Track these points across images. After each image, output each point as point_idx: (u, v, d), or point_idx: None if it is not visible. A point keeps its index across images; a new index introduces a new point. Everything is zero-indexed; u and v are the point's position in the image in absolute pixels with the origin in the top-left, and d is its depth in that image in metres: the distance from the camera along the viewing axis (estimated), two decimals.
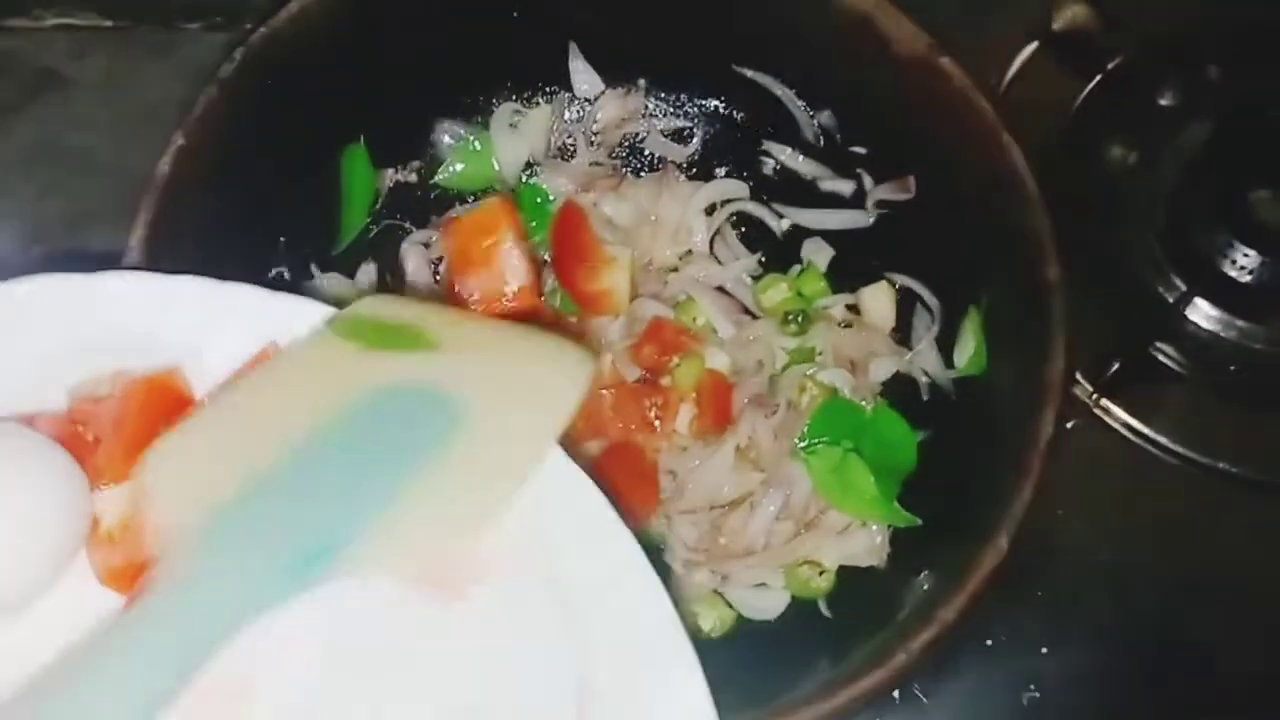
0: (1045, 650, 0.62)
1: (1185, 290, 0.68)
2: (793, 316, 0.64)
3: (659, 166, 0.69)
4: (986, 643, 0.62)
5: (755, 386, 0.63)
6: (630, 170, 0.70)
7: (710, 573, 0.60)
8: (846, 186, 0.67)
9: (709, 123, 0.69)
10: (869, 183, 0.66)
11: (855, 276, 0.66)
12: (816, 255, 0.67)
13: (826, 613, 0.60)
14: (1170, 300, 0.68)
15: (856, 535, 0.60)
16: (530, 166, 0.69)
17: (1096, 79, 0.73)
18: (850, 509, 0.60)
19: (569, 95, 0.69)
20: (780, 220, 0.68)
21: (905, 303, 0.65)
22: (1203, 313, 0.68)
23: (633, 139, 0.70)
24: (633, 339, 0.64)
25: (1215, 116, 0.71)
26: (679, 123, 0.70)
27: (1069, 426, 0.57)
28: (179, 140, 0.56)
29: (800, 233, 0.68)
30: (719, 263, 0.67)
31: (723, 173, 0.69)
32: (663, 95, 0.69)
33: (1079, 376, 0.66)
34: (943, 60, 0.58)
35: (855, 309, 0.66)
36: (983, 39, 0.72)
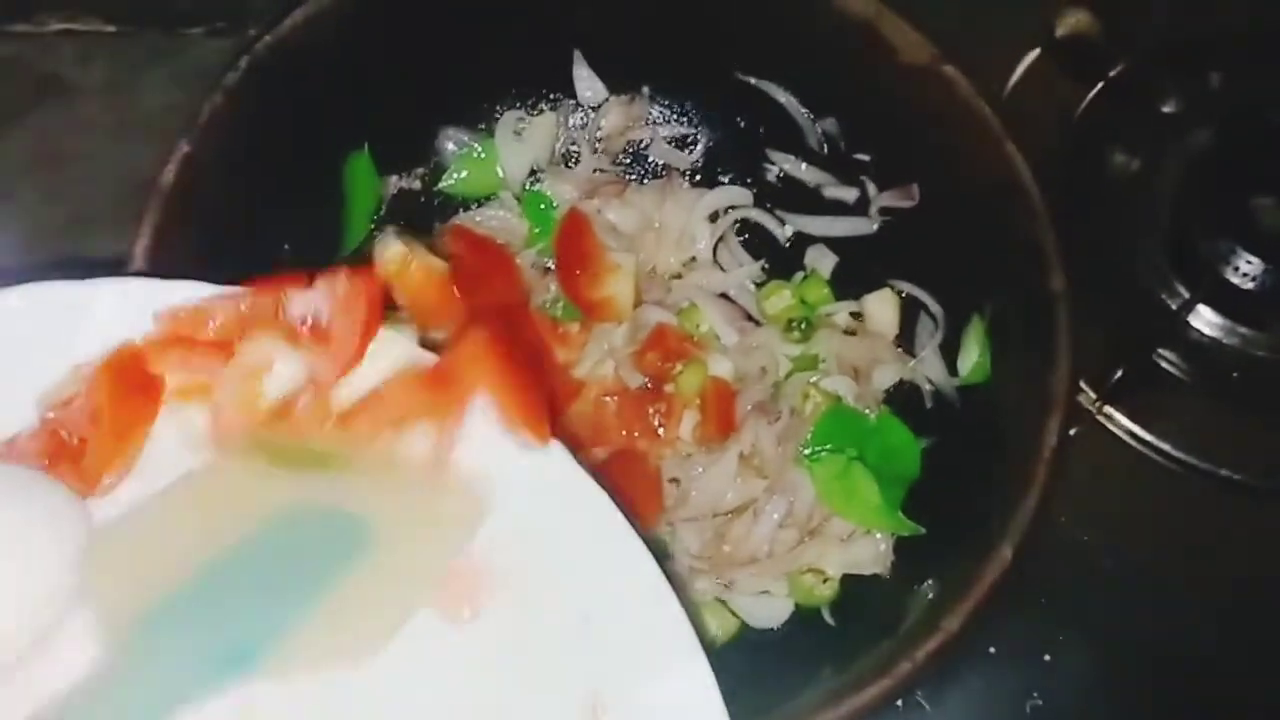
0: (1048, 658, 0.62)
1: (1188, 297, 0.68)
2: (796, 323, 0.64)
3: (662, 173, 0.70)
4: (990, 650, 0.62)
5: (759, 394, 0.63)
6: (634, 177, 0.70)
7: (714, 581, 0.60)
8: (850, 194, 0.67)
9: (713, 130, 0.69)
10: (872, 190, 0.66)
11: (859, 284, 0.66)
12: (820, 262, 0.67)
13: (830, 621, 0.60)
14: (1173, 307, 0.69)
15: (860, 543, 0.60)
16: (534, 173, 0.69)
17: (1099, 86, 0.73)
18: (854, 517, 0.60)
19: (573, 102, 0.69)
20: (784, 227, 0.68)
21: (909, 310, 0.65)
22: (1205, 320, 0.69)
23: (636, 146, 0.70)
24: (636, 346, 0.64)
25: (1217, 124, 0.71)
26: (683, 130, 0.70)
27: (1072, 433, 0.57)
28: (183, 148, 0.56)
29: (804, 240, 0.68)
30: (722, 270, 0.67)
31: (726, 180, 0.69)
32: (666, 102, 0.69)
33: (1082, 383, 0.66)
34: (946, 69, 0.58)
35: (859, 316, 0.66)
36: (986, 46, 0.73)
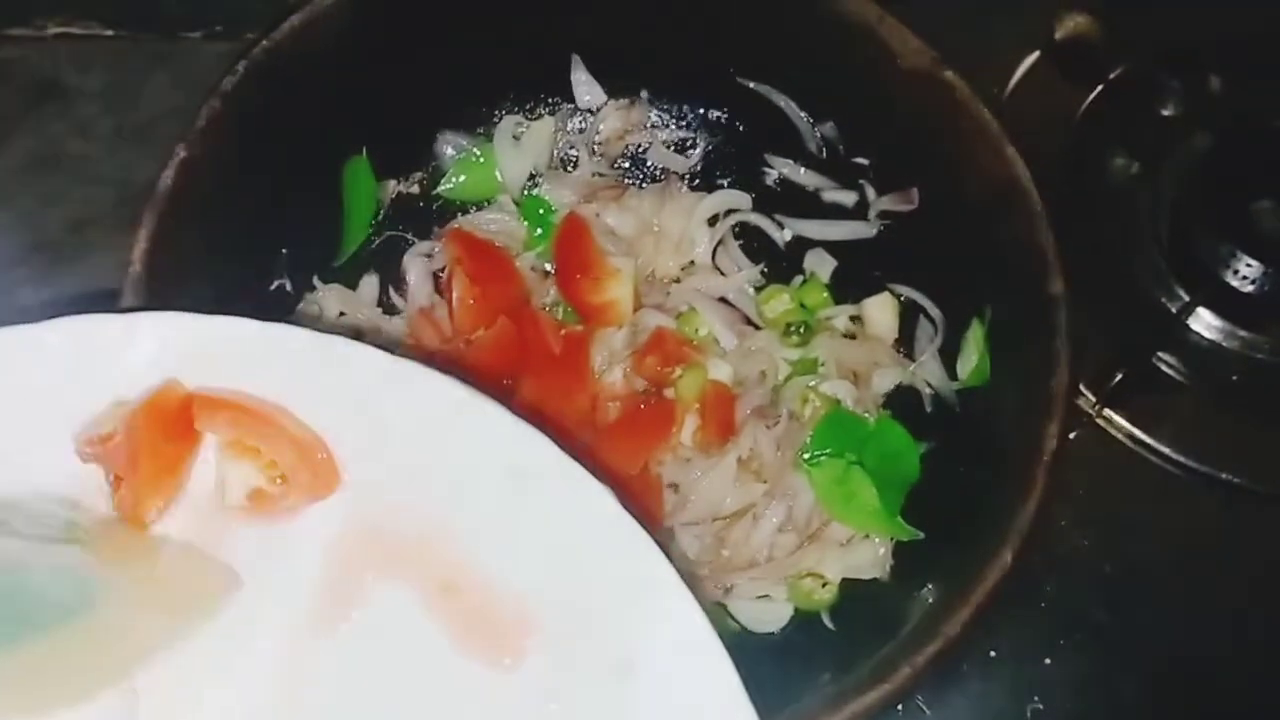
0: (1048, 661, 0.63)
1: (1187, 300, 0.68)
2: (795, 327, 0.64)
3: (661, 178, 0.70)
4: (990, 653, 0.62)
5: (758, 398, 0.63)
6: (633, 181, 0.70)
7: (713, 585, 0.60)
8: (849, 198, 0.67)
9: (711, 134, 0.69)
10: (872, 194, 0.66)
11: (858, 288, 0.66)
12: (819, 266, 0.67)
13: (830, 625, 0.60)
14: (1173, 310, 0.68)
15: (860, 547, 0.60)
16: (533, 178, 0.69)
17: (1099, 89, 0.73)
18: (853, 521, 0.60)
19: (571, 107, 0.69)
20: (783, 231, 0.68)
21: (908, 314, 0.65)
22: (1205, 323, 0.68)
23: (635, 150, 0.70)
24: (635, 349, 0.64)
25: (1217, 127, 0.71)
26: (681, 134, 0.70)
27: (1072, 437, 0.57)
28: (181, 153, 0.56)
29: (803, 244, 0.68)
30: (721, 274, 0.67)
31: (725, 184, 0.69)
32: (665, 106, 0.69)
33: (1082, 386, 0.66)
34: (946, 73, 0.58)
35: (858, 320, 0.66)
36: (985, 49, 0.73)
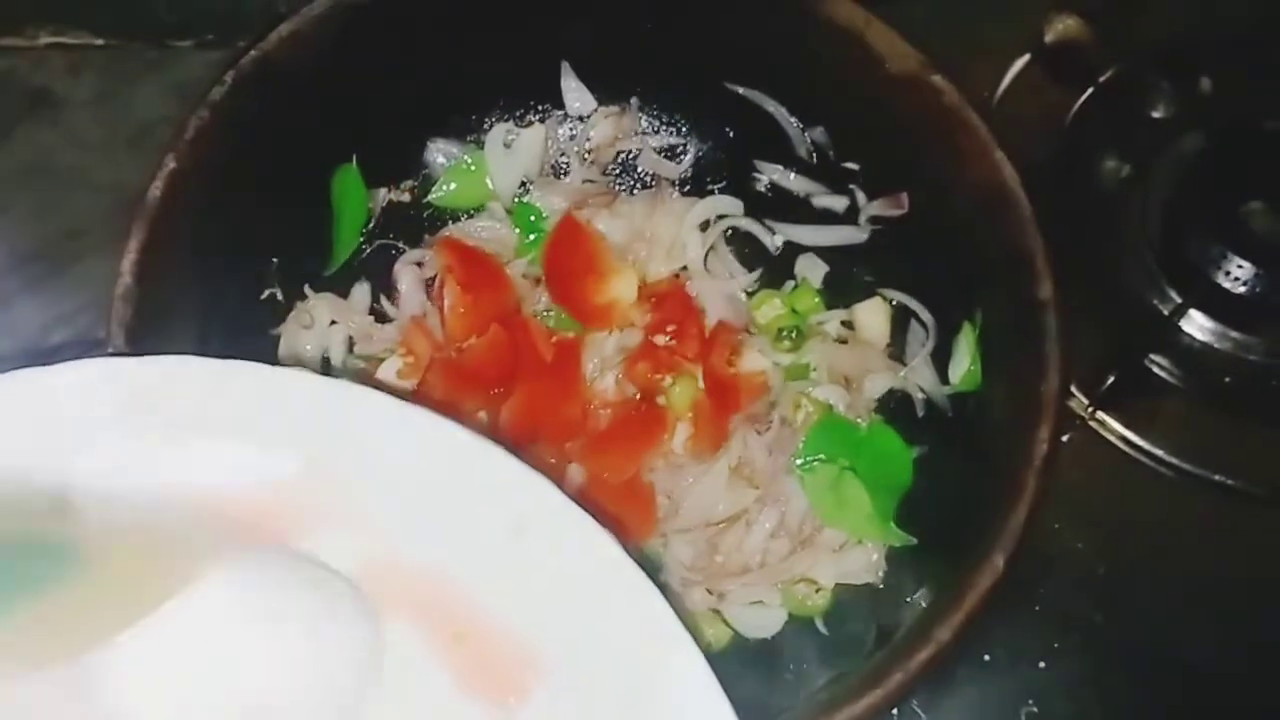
0: (1043, 665, 0.62)
1: (1180, 302, 0.68)
2: (786, 333, 0.64)
3: (652, 184, 0.70)
4: (984, 658, 0.62)
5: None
6: (624, 188, 0.70)
7: (707, 591, 0.60)
8: (840, 203, 0.67)
9: (702, 140, 0.69)
10: (862, 199, 0.66)
11: (849, 292, 0.66)
12: (810, 271, 0.67)
13: (824, 630, 0.60)
14: (1165, 312, 0.68)
15: (853, 553, 0.60)
16: (524, 185, 0.69)
17: (1089, 91, 0.73)
18: (846, 527, 0.60)
19: (561, 114, 0.69)
20: (774, 236, 0.68)
21: (899, 319, 0.65)
22: (1197, 324, 0.68)
23: (626, 157, 0.70)
24: (626, 356, 0.64)
25: (1208, 128, 0.71)
26: (672, 140, 0.70)
27: (1064, 439, 0.57)
28: (170, 163, 0.56)
29: (794, 249, 0.67)
30: (714, 279, 0.67)
31: (716, 189, 0.69)
32: (655, 113, 0.69)
33: (1074, 389, 0.66)
34: (935, 78, 0.58)
35: (850, 325, 0.66)
36: (974, 53, 0.73)
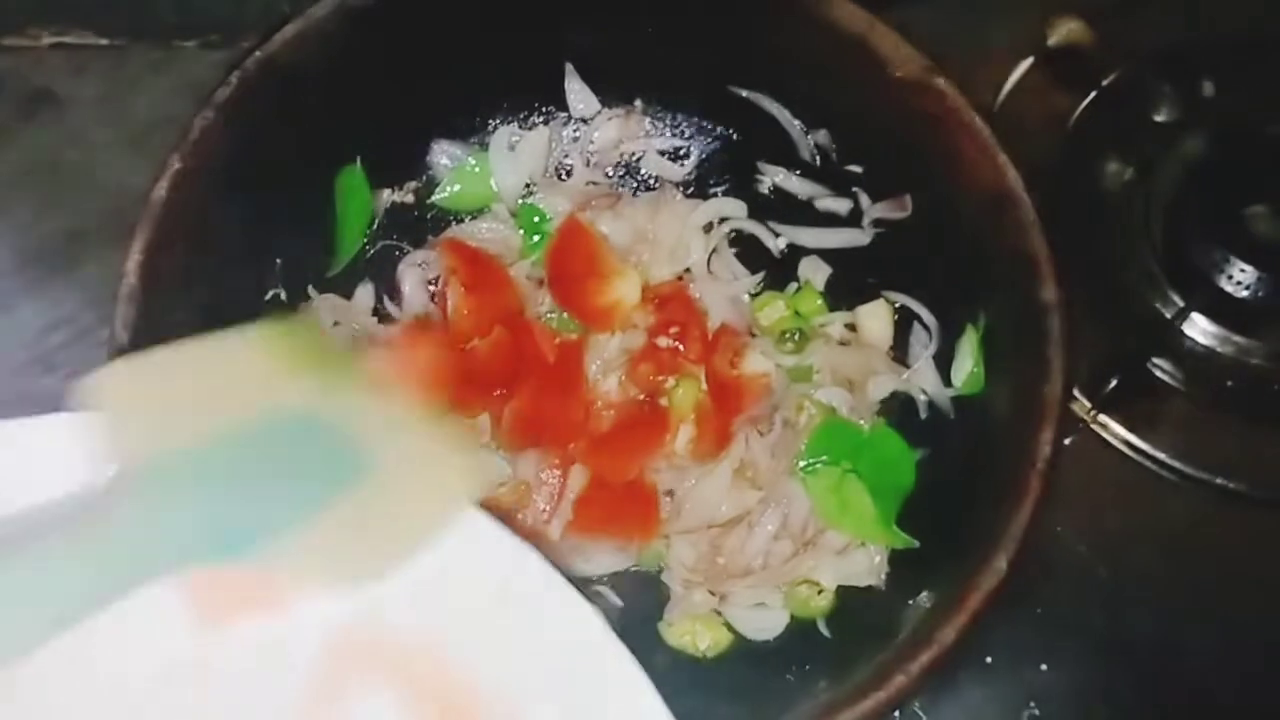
0: (1045, 667, 0.63)
1: (1182, 306, 0.68)
2: (790, 335, 0.64)
3: (655, 186, 0.70)
4: (986, 660, 0.62)
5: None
6: (627, 190, 0.70)
7: (709, 593, 0.60)
8: (843, 205, 0.67)
9: (705, 142, 0.69)
10: (865, 201, 0.66)
11: (852, 295, 0.66)
12: (813, 274, 0.67)
13: (826, 633, 0.60)
14: (1167, 316, 0.68)
15: (855, 555, 0.60)
16: (528, 187, 0.69)
17: (1092, 95, 0.73)
18: (849, 529, 0.60)
19: (565, 115, 0.69)
20: (777, 239, 0.68)
21: (902, 321, 0.65)
22: (1200, 328, 0.68)
23: (630, 159, 0.70)
24: (629, 357, 0.64)
25: (1211, 132, 0.71)
26: (675, 142, 0.70)
27: (1067, 443, 0.57)
28: (175, 163, 0.56)
29: (797, 251, 0.68)
30: (717, 281, 0.67)
31: (719, 192, 0.69)
32: (659, 115, 0.69)
33: (1076, 392, 0.66)
34: (939, 81, 0.58)
35: (853, 327, 0.66)
36: (978, 55, 0.73)
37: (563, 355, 0.63)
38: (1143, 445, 0.66)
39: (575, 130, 0.69)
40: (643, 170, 0.70)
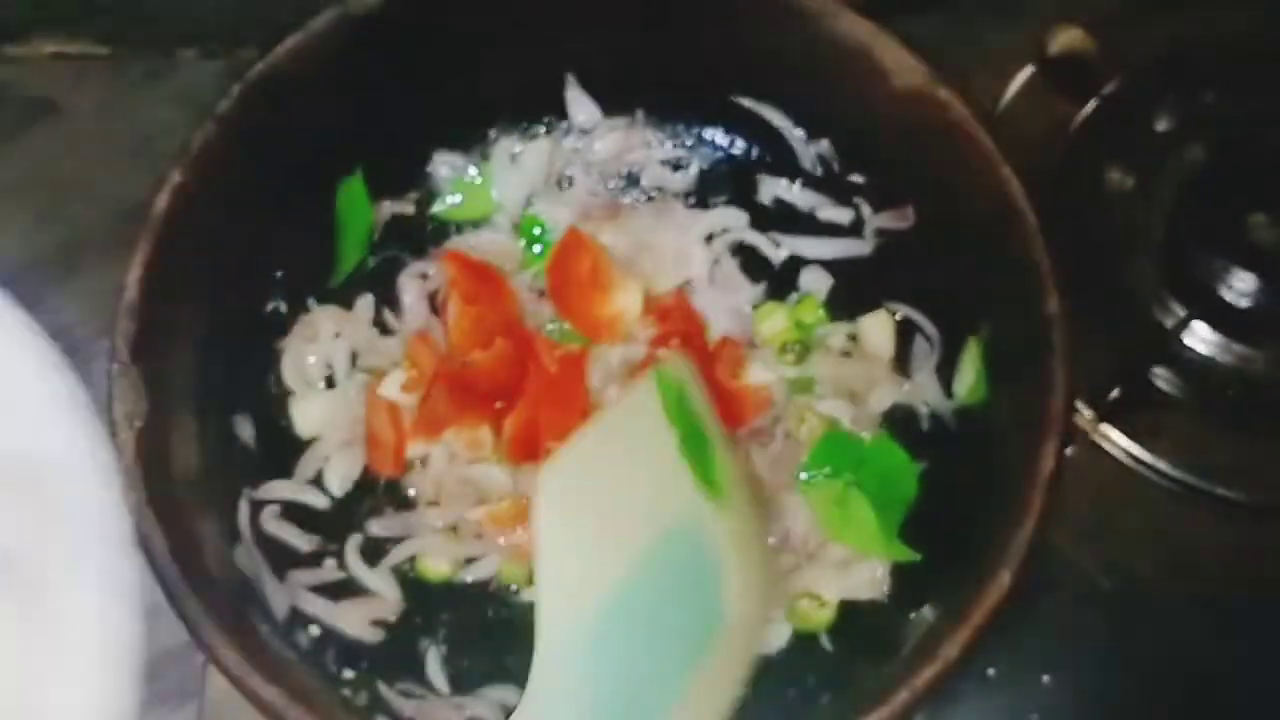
0: (1047, 679, 0.62)
1: (1183, 315, 0.68)
2: (791, 346, 0.64)
3: (655, 197, 0.69)
4: (988, 672, 0.62)
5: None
6: (628, 200, 0.69)
7: None
8: (845, 215, 0.67)
9: (706, 152, 0.69)
10: (867, 211, 0.66)
11: (854, 305, 0.66)
12: (815, 284, 0.66)
13: (828, 646, 0.60)
14: (1168, 325, 0.68)
15: (857, 568, 0.60)
16: (529, 198, 0.68)
17: (1092, 103, 0.73)
18: (851, 542, 0.60)
19: (566, 125, 0.69)
20: (779, 249, 0.68)
21: (904, 332, 0.65)
22: (1201, 337, 0.68)
23: (631, 169, 0.70)
24: (629, 368, 0.64)
25: (1212, 140, 0.71)
26: (676, 152, 0.69)
27: (1068, 453, 0.57)
28: (175, 177, 0.56)
29: (799, 262, 0.67)
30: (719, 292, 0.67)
31: (720, 202, 0.69)
32: (660, 125, 0.69)
33: (1078, 403, 0.65)
34: (941, 91, 0.58)
35: (855, 338, 0.66)
36: (978, 65, 0.72)
37: (564, 367, 0.63)
38: (1145, 456, 0.66)
39: (576, 140, 0.69)
40: (644, 180, 0.70)
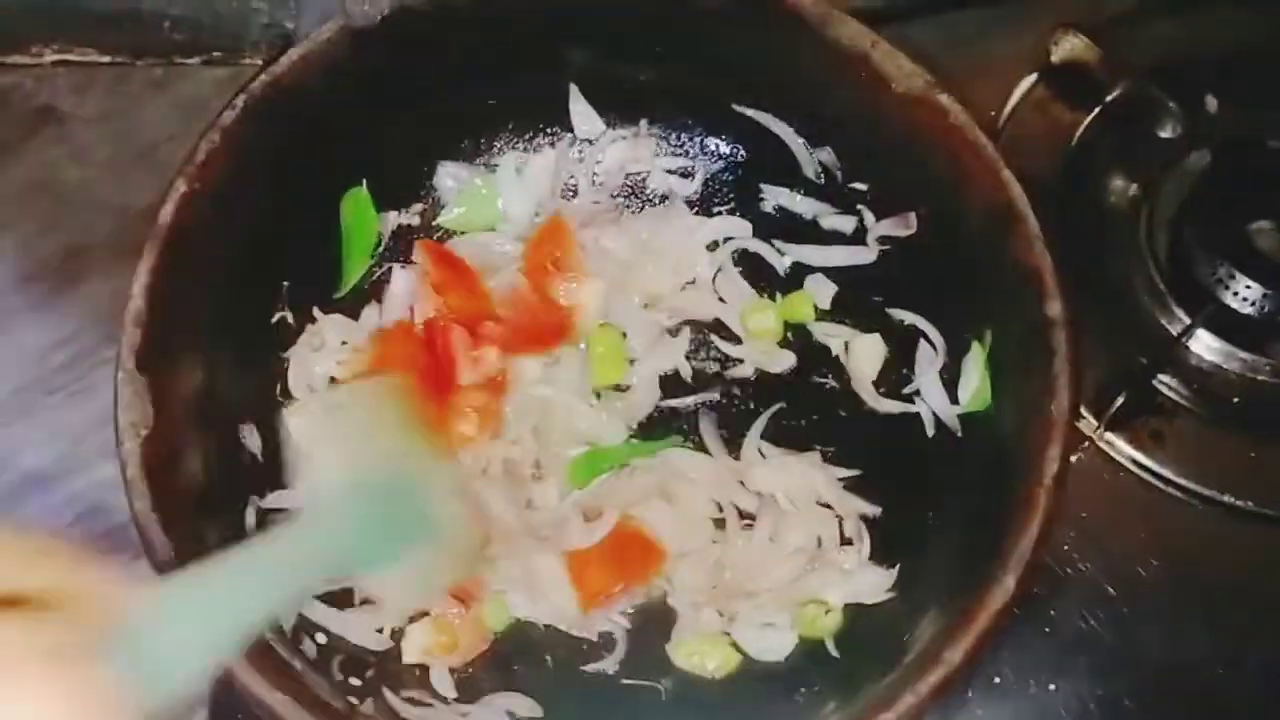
0: (1053, 686, 0.62)
1: (1188, 322, 0.68)
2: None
3: (659, 204, 0.70)
4: (994, 679, 0.62)
5: None
6: (632, 209, 0.70)
7: (717, 613, 0.60)
8: (848, 223, 0.67)
9: (710, 161, 0.69)
10: (870, 219, 0.66)
11: (858, 313, 0.66)
12: (819, 292, 0.67)
13: (834, 652, 0.60)
14: (1172, 332, 0.68)
15: (863, 574, 0.60)
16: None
17: (1096, 111, 0.73)
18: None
19: (570, 136, 0.69)
20: (782, 257, 0.68)
21: (909, 338, 0.65)
22: (1205, 345, 0.68)
23: (635, 179, 0.70)
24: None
25: (1214, 147, 0.71)
26: (680, 162, 0.70)
27: (1073, 460, 0.57)
28: (181, 187, 0.56)
29: (802, 269, 0.67)
30: (722, 300, 0.67)
31: (724, 211, 0.69)
32: (663, 135, 0.69)
33: (1083, 410, 0.65)
34: (942, 97, 0.58)
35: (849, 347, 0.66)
36: (981, 72, 0.72)
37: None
38: (1149, 463, 0.66)
39: (580, 151, 0.69)
40: (648, 190, 0.70)
